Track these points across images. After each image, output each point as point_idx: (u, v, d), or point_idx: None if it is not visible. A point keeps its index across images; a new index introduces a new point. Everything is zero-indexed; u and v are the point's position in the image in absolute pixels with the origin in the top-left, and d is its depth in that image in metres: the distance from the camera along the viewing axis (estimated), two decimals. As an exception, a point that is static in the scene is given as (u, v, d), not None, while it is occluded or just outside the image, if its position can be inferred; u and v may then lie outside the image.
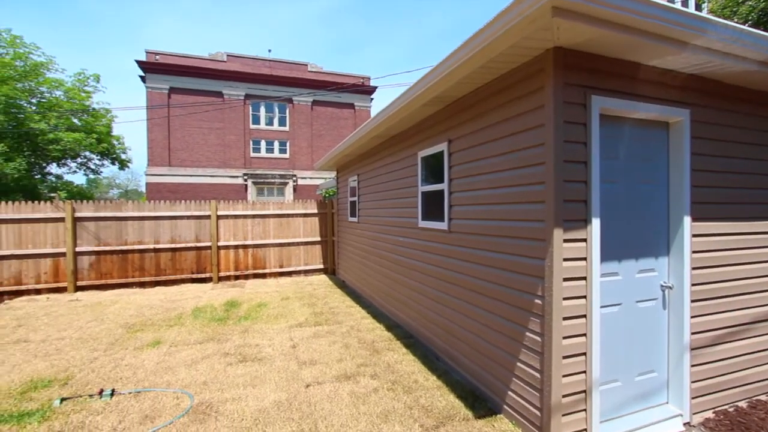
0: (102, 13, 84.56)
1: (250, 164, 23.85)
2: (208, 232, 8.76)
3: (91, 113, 22.61)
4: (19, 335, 5.02)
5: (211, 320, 5.67)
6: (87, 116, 22.35)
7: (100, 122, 23.29)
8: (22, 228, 7.34)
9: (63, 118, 21.30)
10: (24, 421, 3.00)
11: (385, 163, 6.01)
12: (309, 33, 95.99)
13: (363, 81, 25.75)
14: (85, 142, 21.10)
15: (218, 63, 23.39)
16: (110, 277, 7.94)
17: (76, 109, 21.59)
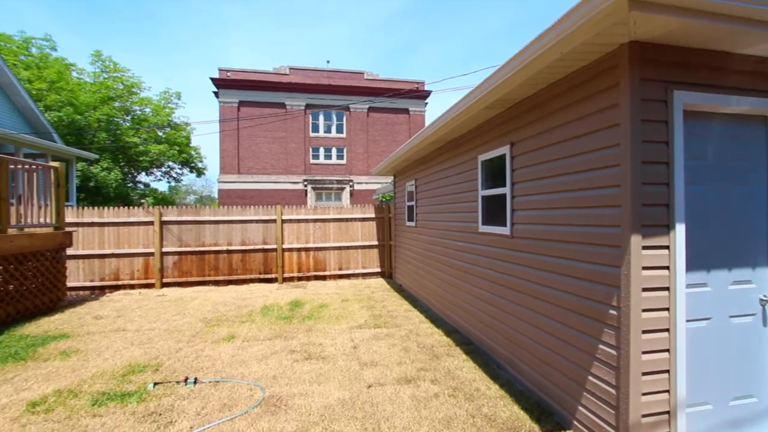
0: (182, 36, 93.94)
1: (309, 170, 24.93)
2: (274, 235, 9.33)
3: (174, 126, 25.19)
4: (119, 325, 5.71)
5: (278, 318, 6.02)
6: (170, 129, 24.96)
7: (181, 135, 25.86)
8: (120, 230, 8.40)
9: (150, 132, 23.97)
10: (126, 400, 3.42)
11: (442, 168, 5.99)
12: (365, 42, 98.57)
13: (417, 86, 25.83)
14: (169, 153, 23.60)
15: (282, 76, 24.81)
16: (190, 275, 8.77)
17: (161, 123, 24.20)
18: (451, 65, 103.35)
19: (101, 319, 6.01)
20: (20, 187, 6.33)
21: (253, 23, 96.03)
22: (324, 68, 25.67)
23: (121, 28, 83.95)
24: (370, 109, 25.62)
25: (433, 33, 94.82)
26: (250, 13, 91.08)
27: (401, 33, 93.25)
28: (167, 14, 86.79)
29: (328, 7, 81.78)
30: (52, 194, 6.62)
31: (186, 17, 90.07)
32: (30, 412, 3.21)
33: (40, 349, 4.66)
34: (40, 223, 6.39)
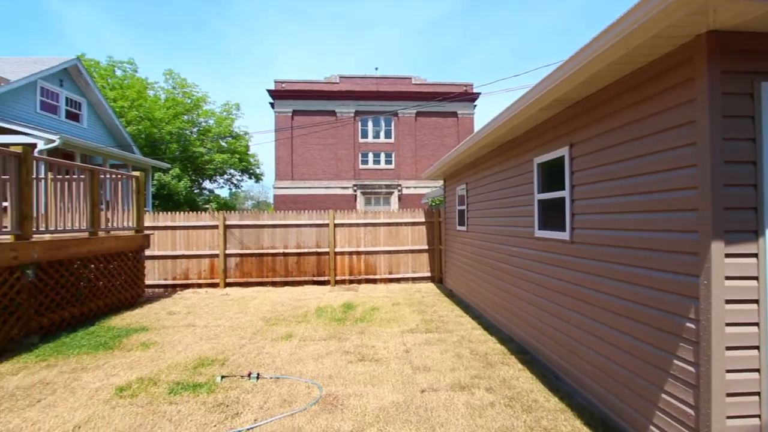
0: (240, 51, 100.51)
1: (358, 175, 25.42)
2: (327, 239, 9.65)
3: (234, 136, 27.05)
4: (189, 321, 6.21)
5: (332, 320, 6.21)
6: (231, 139, 26.88)
7: (241, 144, 27.68)
8: (189, 233, 9.16)
9: (214, 142, 25.93)
10: (197, 390, 3.71)
11: (495, 171, 5.86)
12: (413, 47, 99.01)
13: (466, 88, 25.42)
14: (230, 161, 25.37)
15: (332, 85, 25.61)
16: (250, 276, 9.33)
17: (223, 134, 26.07)
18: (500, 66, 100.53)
19: (174, 314, 6.58)
20: (107, 194, 7.13)
21: (306, 36, 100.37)
22: (372, 75, 26.14)
23: (187, 45, 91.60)
24: (417, 114, 25.64)
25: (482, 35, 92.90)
26: (304, 27, 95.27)
27: (449, 36, 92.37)
28: (228, 31, 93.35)
29: (377, 15, 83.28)
30: (134, 200, 7.39)
31: (244, 34, 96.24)
32: (118, 396, 3.59)
33: (124, 339, 5.19)
34: (124, 227, 7.14)
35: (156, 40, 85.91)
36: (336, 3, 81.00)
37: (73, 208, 6.04)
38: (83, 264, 5.95)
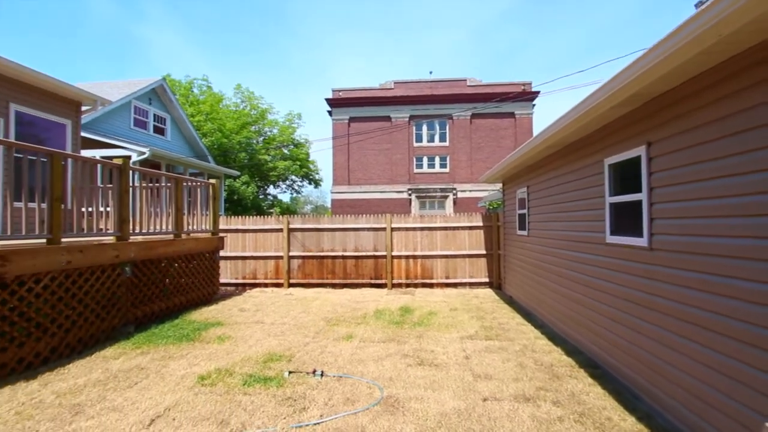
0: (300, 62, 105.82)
1: (413, 180, 25.46)
2: (384, 242, 9.80)
3: (296, 144, 28.62)
4: (258, 318, 6.64)
5: (390, 323, 6.30)
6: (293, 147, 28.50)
7: (302, 151, 29.18)
8: (257, 236, 9.82)
9: (278, 150, 27.65)
10: (268, 384, 3.96)
11: (560, 173, 5.59)
12: (468, 49, 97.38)
13: (524, 87, 24.44)
14: (292, 168, 26.88)
15: (387, 91, 25.99)
16: (311, 277, 9.77)
17: (286, 142, 27.69)
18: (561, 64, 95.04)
19: (244, 311, 7.08)
20: (187, 199, 7.88)
21: (363, 45, 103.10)
22: (426, 79, 26.12)
23: (254, 60, 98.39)
24: (473, 116, 25.14)
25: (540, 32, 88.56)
26: (360, 36, 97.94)
27: (505, 36, 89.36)
28: (290, 46, 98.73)
29: (431, 19, 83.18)
30: (210, 206, 8.10)
31: (304, 46, 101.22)
32: (200, 384, 3.95)
33: (203, 333, 5.69)
34: (202, 230, 7.85)
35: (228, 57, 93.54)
36: (390, 11, 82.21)
37: (161, 213, 6.77)
38: (168, 263, 6.64)
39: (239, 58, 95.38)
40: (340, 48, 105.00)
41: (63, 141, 7.83)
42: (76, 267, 4.76)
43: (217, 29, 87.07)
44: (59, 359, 4.58)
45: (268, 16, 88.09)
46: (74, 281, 4.79)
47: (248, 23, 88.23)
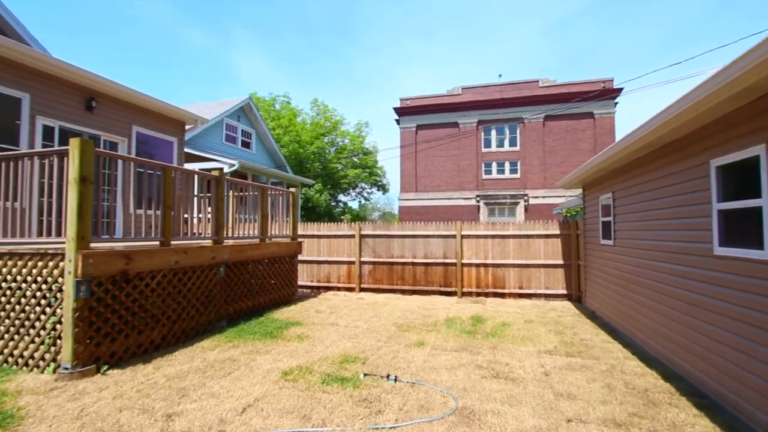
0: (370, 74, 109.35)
1: (482, 186, 24.80)
2: (454, 250, 9.68)
3: (365, 152, 29.70)
4: (332, 320, 6.95)
5: (461, 332, 6.19)
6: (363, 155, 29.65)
7: (371, 158, 30.21)
8: (331, 242, 10.32)
9: (348, 159, 28.97)
10: (344, 384, 4.12)
11: (654, 177, 5.08)
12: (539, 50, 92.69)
13: (604, 85, 22.62)
14: (362, 175, 27.96)
15: (454, 97, 25.75)
16: (381, 282, 9.98)
17: (356, 150, 28.86)
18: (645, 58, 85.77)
19: (320, 313, 7.45)
20: (271, 207, 8.55)
21: (431, 51, 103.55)
22: (495, 83, 25.41)
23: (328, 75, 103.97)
24: (546, 118, 23.85)
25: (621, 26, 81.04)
26: (429, 43, 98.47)
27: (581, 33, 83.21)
28: (359, 58, 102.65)
29: (500, 22, 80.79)
30: (290, 213, 8.71)
31: (371, 57, 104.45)
32: (283, 378, 4.24)
33: (284, 331, 6.10)
34: (282, 235, 8.46)
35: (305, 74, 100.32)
36: (459, 18, 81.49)
37: (248, 219, 7.44)
38: (254, 265, 7.25)
39: (314, 74, 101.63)
40: (408, 57, 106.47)
41: (170, 156, 9.03)
42: (182, 266, 5.42)
43: (295, 49, 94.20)
44: (167, 347, 5.23)
45: (339, 32, 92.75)
46: (180, 279, 5.46)
47: (323, 40, 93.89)
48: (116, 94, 7.84)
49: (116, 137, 7.89)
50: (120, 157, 5.04)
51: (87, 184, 4.23)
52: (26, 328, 4.39)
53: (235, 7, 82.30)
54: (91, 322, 4.25)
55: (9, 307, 4.49)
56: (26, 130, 6.35)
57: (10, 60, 6.20)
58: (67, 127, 7.01)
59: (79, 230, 4.14)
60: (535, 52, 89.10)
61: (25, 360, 4.35)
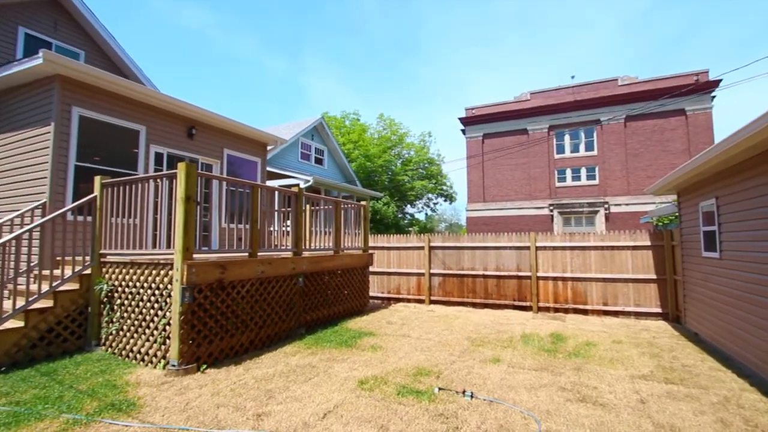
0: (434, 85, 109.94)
1: (555, 194, 23.40)
2: (528, 262, 9.23)
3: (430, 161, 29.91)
4: (404, 331, 7.00)
5: (540, 349, 5.86)
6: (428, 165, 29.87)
7: (436, 168, 30.34)
8: (400, 253, 10.45)
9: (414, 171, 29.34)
10: (420, 397, 4.12)
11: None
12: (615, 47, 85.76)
13: (698, 78, 20.18)
14: (428, 186, 28.15)
15: (522, 103, 24.81)
16: (452, 295, 9.83)
17: (420, 161, 29.16)
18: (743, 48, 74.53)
19: (392, 324, 7.55)
20: (344, 221, 8.93)
21: (496, 59, 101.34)
22: (567, 85, 24.01)
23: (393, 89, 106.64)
24: (628, 119, 21.88)
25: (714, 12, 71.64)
26: (494, 51, 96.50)
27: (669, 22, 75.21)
28: (422, 71, 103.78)
29: (571, 20, 76.39)
30: (361, 225, 9.01)
31: (436, 69, 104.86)
32: (360, 387, 4.36)
33: (358, 341, 6.28)
34: (355, 247, 8.77)
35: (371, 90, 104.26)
36: (526, 21, 78.76)
37: (322, 232, 7.85)
38: (329, 276, 7.60)
39: (381, 89, 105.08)
40: (473, 66, 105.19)
41: (255, 174, 9.91)
42: (267, 276, 5.88)
43: (362, 67, 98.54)
44: (254, 350, 5.67)
45: (404, 47, 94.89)
46: (265, 288, 5.93)
47: (388, 56, 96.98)
48: (212, 122, 8.88)
49: (211, 160, 8.90)
50: (216, 177, 5.66)
51: (191, 202, 4.82)
52: (143, 328, 5.07)
53: (306, 35, 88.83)
54: (193, 325, 4.78)
55: (131, 309, 5.23)
56: (142, 156, 7.45)
57: (131, 98, 7.35)
58: (173, 152, 8.08)
59: (184, 243, 4.71)
60: (610, 51, 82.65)
61: (142, 356, 5.01)
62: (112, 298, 5.45)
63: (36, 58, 6.06)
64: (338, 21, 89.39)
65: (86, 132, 6.65)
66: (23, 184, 6.56)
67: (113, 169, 6.93)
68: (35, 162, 6.41)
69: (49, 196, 6.11)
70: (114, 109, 7.09)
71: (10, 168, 6.85)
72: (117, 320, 5.33)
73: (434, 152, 33.78)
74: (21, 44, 8.25)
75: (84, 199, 5.63)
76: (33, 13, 8.52)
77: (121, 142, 7.21)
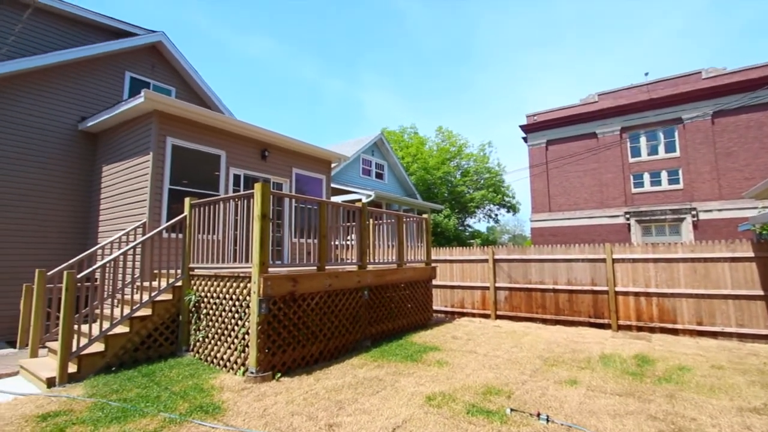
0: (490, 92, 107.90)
1: (631, 201, 21.53)
2: (604, 275, 8.55)
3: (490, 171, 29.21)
4: (470, 347, 6.81)
5: (623, 372, 5.36)
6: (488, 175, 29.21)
7: (496, 178, 29.57)
8: (463, 266, 10.26)
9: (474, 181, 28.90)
10: (490, 417, 3.97)
11: None
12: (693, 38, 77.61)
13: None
14: (489, 196, 27.49)
15: (589, 105, 23.38)
16: (519, 310, 9.40)
17: (480, 171, 28.59)
18: None
19: (457, 339, 7.39)
20: (406, 234, 9.01)
21: (556, 61, 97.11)
22: (641, 83, 22.20)
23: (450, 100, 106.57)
24: (716, 114, 19.60)
25: None
26: (554, 53, 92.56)
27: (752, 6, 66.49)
28: (478, 79, 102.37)
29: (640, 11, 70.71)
30: (424, 238, 9.02)
31: (492, 76, 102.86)
32: (428, 403, 4.31)
33: (423, 355, 6.23)
34: (417, 260, 8.79)
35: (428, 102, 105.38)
36: (588, 17, 74.53)
37: (385, 245, 7.98)
38: (393, 289, 7.68)
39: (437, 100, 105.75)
40: (531, 71, 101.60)
41: (320, 191, 10.43)
42: (334, 289, 6.11)
43: (416, 79, 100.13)
44: (323, 361, 5.88)
45: (457, 56, 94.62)
46: (333, 300, 6.15)
47: (442, 67, 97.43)
48: (282, 144, 9.61)
49: (281, 179, 9.57)
50: (287, 195, 6.07)
51: (266, 219, 5.19)
52: (225, 336, 5.50)
53: (361, 54, 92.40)
54: (269, 335, 5.09)
55: (215, 318, 5.71)
56: (223, 178, 8.23)
57: (213, 126, 8.21)
58: (249, 173, 8.83)
59: (261, 257, 5.08)
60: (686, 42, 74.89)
61: (225, 362, 5.43)
62: (199, 308, 6.00)
63: (139, 98, 7.03)
64: (390, 37, 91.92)
65: (177, 158, 7.52)
66: (127, 206, 7.55)
67: (198, 190, 7.73)
68: (137, 186, 7.36)
69: (148, 216, 6.97)
70: (199, 137, 7.96)
71: (117, 192, 7.93)
72: (203, 328, 5.85)
73: (494, 161, 33.05)
74: (127, 86, 9.63)
75: (176, 219, 6.33)
76: (136, 59, 9.90)
77: (204, 166, 8.03)
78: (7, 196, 7.74)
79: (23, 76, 7.99)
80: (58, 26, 8.91)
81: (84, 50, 8.71)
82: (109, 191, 8.20)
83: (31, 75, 8.09)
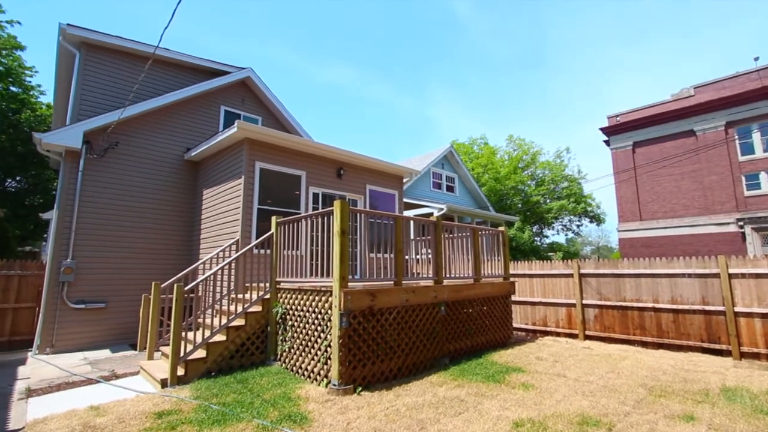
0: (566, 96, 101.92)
1: (744, 206, 18.60)
2: (718, 293, 7.40)
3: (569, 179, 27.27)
4: (557, 370, 6.30)
5: (756, 410, 4.53)
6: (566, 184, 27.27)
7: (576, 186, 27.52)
8: (545, 281, 9.60)
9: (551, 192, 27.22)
10: (591, 449, 3.61)
11: None
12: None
13: None
14: (568, 207, 25.62)
15: (683, 100, 20.90)
16: (612, 330, 8.49)
17: (557, 180, 26.81)
18: None
19: (542, 360, 6.89)
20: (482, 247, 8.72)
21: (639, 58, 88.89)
22: (749, 70, 19.32)
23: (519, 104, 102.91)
24: None
25: None
26: (636, 50, 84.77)
27: None
28: (550, 83, 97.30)
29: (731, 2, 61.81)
30: (501, 252, 8.66)
31: (568, 79, 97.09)
32: (515, 429, 4.04)
33: (506, 376, 5.90)
34: (494, 275, 8.43)
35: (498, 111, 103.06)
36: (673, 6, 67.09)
37: (461, 259, 7.79)
38: (470, 305, 7.44)
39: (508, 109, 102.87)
40: (611, 71, 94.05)
41: (393, 206, 10.61)
42: (411, 304, 6.09)
43: (485, 90, 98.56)
44: (402, 377, 5.84)
45: (529, 62, 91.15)
46: (410, 316, 6.13)
47: (514, 74, 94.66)
48: (357, 162, 10.03)
49: (356, 195, 9.94)
50: (364, 212, 6.24)
51: (345, 235, 5.39)
52: (309, 347, 5.76)
53: (429, 70, 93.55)
54: (350, 348, 5.21)
55: (299, 330, 6.02)
56: (303, 197, 8.79)
57: (294, 149, 8.86)
58: (326, 191, 9.33)
59: (341, 272, 5.26)
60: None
61: (309, 372, 5.66)
62: (285, 320, 6.38)
63: (233, 128, 7.86)
64: (458, 50, 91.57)
65: (264, 180, 8.21)
66: (223, 225, 8.38)
67: (281, 209, 8.33)
68: (231, 207, 8.15)
69: (240, 233, 7.67)
70: (283, 159, 8.64)
71: (214, 213, 8.86)
72: (289, 339, 6.19)
73: (573, 169, 30.75)
74: (222, 118, 10.82)
75: (264, 236, 6.86)
76: (229, 94, 11.12)
77: (287, 186, 8.66)
78: (137, 218, 9.09)
79: (143, 117, 9.40)
80: (165, 71, 10.35)
81: (188, 90, 10.01)
82: (207, 212, 9.20)
83: (148, 115, 9.47)
